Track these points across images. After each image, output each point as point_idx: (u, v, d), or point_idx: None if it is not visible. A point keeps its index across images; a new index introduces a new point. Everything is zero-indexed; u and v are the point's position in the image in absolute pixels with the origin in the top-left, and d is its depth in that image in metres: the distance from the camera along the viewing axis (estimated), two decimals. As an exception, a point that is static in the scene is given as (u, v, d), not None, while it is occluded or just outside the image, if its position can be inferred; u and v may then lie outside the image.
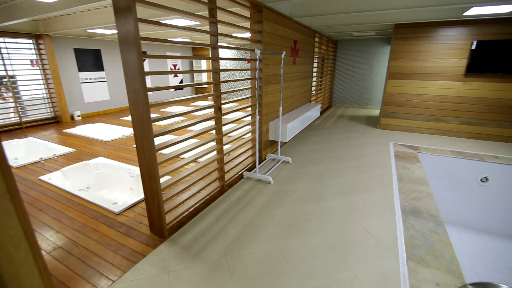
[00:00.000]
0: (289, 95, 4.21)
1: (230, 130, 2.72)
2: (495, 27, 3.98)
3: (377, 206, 2.39)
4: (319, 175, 3.05)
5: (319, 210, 2.34)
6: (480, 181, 3.48)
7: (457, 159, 3.53)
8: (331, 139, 4.45)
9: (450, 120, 4.56)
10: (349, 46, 7.52)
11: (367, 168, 3.21)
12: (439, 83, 4.48)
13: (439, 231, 2.00)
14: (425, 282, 1.54)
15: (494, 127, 4.31)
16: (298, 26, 4.20)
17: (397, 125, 4.98)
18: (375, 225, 2.12)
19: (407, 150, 3.83)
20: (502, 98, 4.17)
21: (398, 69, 4.71)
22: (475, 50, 4.11)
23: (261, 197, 2.56)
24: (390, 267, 1.68)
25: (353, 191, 2.68)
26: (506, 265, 3.10)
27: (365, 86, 7.60)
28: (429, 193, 2.56)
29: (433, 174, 3.65)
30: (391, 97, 4.89)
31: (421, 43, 4.47)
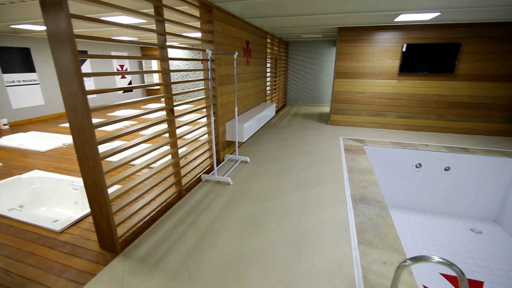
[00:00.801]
0: (244, 95, 4.25)
1: (185, 132, 2.64)
2: (420, 32, 4.56)
3: (330, 197, 2.55)
4: (277, 172, 3.13)
5: (277, 207, 2.40)
6: (415, 167, 3.96)
7: (396, 149, 3.95)
8: (286, 137, 4.62)
9: (388, 114, 5.09)
10: (300, 47, 7.88)
11: (320, 163, 3.41)
12: (378, 81, 4.96)
13: (384, 214, 2.22)
14: (374, 263, 1.70)
15: (423, 119, 4.94)
16: (250, 27, 4.26)
17: (346, 121, 5.38)
18: (330, 215, 2.26)
19: (355, 143, 4.16)
20: (428, 94, 4.79)
21: (344, 69, 5.09)
22: (405, 52, 4.65)
23: (220, 199, 2.53)
24: (344, 253, 1.81)
25: (309, 185, 2.82)
26: (439, 238, 3.58)
27: (316, 85, 8.06)
28: (374, 181, 2.82)
29: (377, 164, 4.03)
30: (339, 95, 5.26)
31: (362, 45, 4.90)
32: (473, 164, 3.75)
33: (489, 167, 3.72)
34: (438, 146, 4.02)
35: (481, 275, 2.96)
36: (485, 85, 4.52)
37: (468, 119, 4.75)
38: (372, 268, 1.66)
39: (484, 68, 4.45)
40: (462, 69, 4.54)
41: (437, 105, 4.80)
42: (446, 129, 4.89)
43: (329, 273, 1.64)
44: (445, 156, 3.82)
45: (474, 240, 3.54)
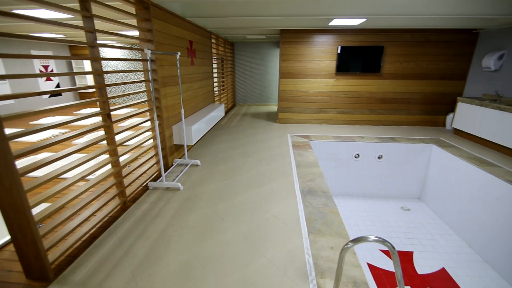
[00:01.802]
0: (191, 97, 4.12)
1: (127, 138, 2.44)
2: (352, 35, 5.05)
3: (281, 192, 2.66)
4: (229, 173, 3.13)
5: (231, 207, 2.40)
6: (354, 157, 4.38)
7: (337, 142, 4.31)
8: (237, 137, 4.64)
9: (329, 111, 5.52)
10: (245, 48, 7.99)
11: (271, 160, 3.52)
12: (319, 80, 5.33)
13: (329, 203, 2.40)
14: (323, 249, 1.82)
15: (358, 114, 5.50)
16: (193, 26, 4.15)
17: (292, 118, 5.66)
18: (281, 209, 2.35)
19: (302, 139, 4.41)
20: (361, 91, 5.35)
21: (287, 69, 5.34)
22: (340, 54, 5.10)
23: (171, 206, 2.42)
24: (296, 244, 1.90)
25: (260, 182, 2.88)
26: (377, 218, 4.02)
27: (263, 85, 8.28)
28: (320, 173, 3.03)
29: (322, 157, 4.34)
30: (284, 94, 5.50)
31: (303, 47, 5.20)
32: (400, 151, 4.32)
33: (411, 153, 4.32)
34: (372, 138, 4.52)
35: (411, 246, 3.43)
36: (405, 83, 5.24)
37: (393, 113, 5.45)
38: (321, 254, 1.78)
39: (403, 68, 5.16)
40: (387, 69, 5.18)
41: (369, 101, 5.39)
42: (377, 122, 5.53)
43: (283, 265, 1.71)
44: (377, 146, 4.31)
45: (404, 217, 4.08)
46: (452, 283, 2.84)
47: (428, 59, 5.08)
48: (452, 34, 4.90)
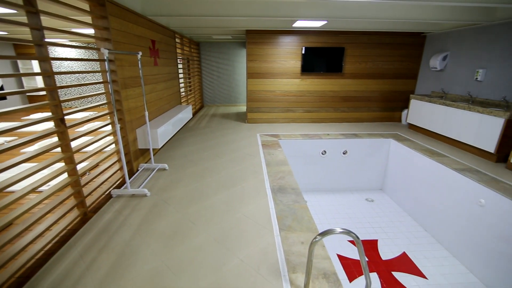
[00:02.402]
0: (156, 98, 3.96)
1: (85, 144, 2.27)
2: (315, 36, 5.24)
3: (252, 192, 2.67)
4: (199, 175, 3.07)
5: (202, 210, 2.36)
6: (321, 154, 4.56)
7: (305, 140, 4.45)
8: (206, 138, 4.57)
9: (296, 110, 5.68)
10: (212, 48, 7.89)
11: (241, 160, 3.52)
12: (285, 80, 5.46)
13: (299, 200, 2.47)
14: (294, 245, 1.87)
15: (324, 112, 5.74)
16: (155, 25, 3.99)
17: (261, 118, 5.72)
18: (252, 209, 2.36)
19: (271, 138, 4.47)
20: (325, 90, 5.58)
21: (254, 69, 5.38)
22: (304, 54, 5.27)
23: (137, 214, 2.30)
24: (268, 242, 1.93)
25: (231, 183, 2.87)
26: (345, 211, 4.23)
27: (231, 85, 8.25)
28: (289, 171, 3.10)
29: (291, 155, 4.45)
30: (252, 94, 5.53)
31: (268, 47, 5.27)
32: (362, 146, 4.59)
33: (373, 147, 4.62)
34: (336, 134, 4.74)
35: (375, 234, 3.66)
36: (364, 82, 5.58)
37: (355, 110, 5.78)
38: (293, 250, 1.82)
39: (362, 68, 5.48)
40: (348, 69, 5.47)
41: (333, 99, 5.65)
42: (341, 120, 5.81)
43: (256, 263, 1.72)
44: (342, 142, 4.53)
45: (369, 208, 4.34)
46: (412, 265, 3.09)
47: (384, 59, 5.47)
48: (403, 37, 5.33)
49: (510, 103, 3.63)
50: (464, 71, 4.45)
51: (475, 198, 2.93)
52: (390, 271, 3.01)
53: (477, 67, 4.20)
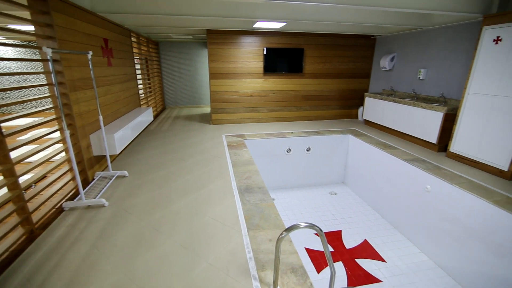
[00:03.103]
0: (111, 101, 3.71)
1: (28, 154, 2.04)
2: (275, 37, 5.36)
3: (219, 193, 2.64)
4: (163, 180, 2.94)
5: (167, 216, 2.27)
6: (286, 152, 4.68)
7: (270, 139, 4.53)
8: (170, 141, 4.40)
9: (261, 109, 5.75)
10: (172, 48, 7.62)
11: (207, 162, 3.46)
12: (248, 80, 5.49)
13: (266, 198, 2.51)
14: (262, 243, 1.89)
15: (287, 111, 5.90)
16: (108, 23, 3.73)
17: (226, 119, 5.68)
18: (220, 211, 2.33)
19: (236, 139, 4.47)
20: (288, 90, 5.74)
21: (217, 70, 5.32)
22: (266, 55, 5.36)
23: (94, 226, 2.13)
24: (236, 243, 1.92)
25: (197, 186, 2.81)
26: (311, 205, 4.39)
27: (194, 86, 8.06)
28: (256, 170, 3.13)
29: (257, 154, 4.49)
30: (216, 95, 5.47)
31: (231, 47, 5.26)
32: (324, 142, 4.81)
33: (333, 143, 4.87)
34: (300, 132, 4.91)
35: (339, 225, 3.87)
36: (323, 81, 5.86)
37: (316, 108, 6.04)
38: (261, 248, 1.84)
39: (321, 68, 5.75)
40: (308, 69, 5.69)
41: (295, 99, 5.84)
42: (303, 118, 6.03)
43: (225, 265, 1.71)
44: (305, 139, 4.70)
45: (332, 200, 4.57)
46: (372, 251, 3.32)
47: (340, 60, 5.80)
48: (356, 39, 5.71)
49: (447, 99, 4.10)
50: (409, 71, 4.91)
51: (423, 185, 3.25)
52: (353, 259, 3.20)
53: (419, 67, 4.67)
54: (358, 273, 2.97)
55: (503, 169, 3.00)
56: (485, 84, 3.13)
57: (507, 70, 2.90)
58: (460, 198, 2.78)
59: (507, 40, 2.89)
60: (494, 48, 3.03)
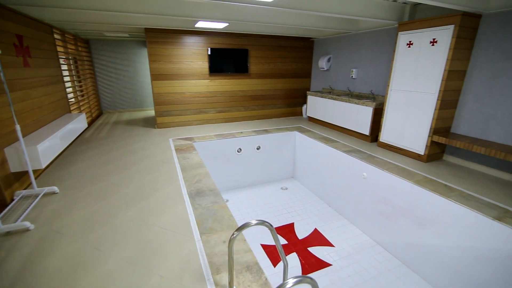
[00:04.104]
0: (32, 107, 3.21)
1: None
2: (219, 38, 5.32)
3: (168, 201, 2.51)
4: (102, 193, 2.67)
5: (109, 232, 2.06)
6: (237, 152, 4.70)
7: (219, 140, 4.49)
8: (109, 149, 4.01)
9: (209, 111, 5.66)
10: (105, 46, 6.95)
11: (153, 169, 3.26)
12: (194, 81, 5.35)
13: (218, 200, 2.48)
14: (216, 246, 1.86)
15: (235, 112, 5.93)
16: (22, 17, 3.20)
17: (173, 122, 5.43)
18: (170, 219, 2.22)
19: (185, 142, 4.31)
20: (235, 90, 5.77)
21: (159, 70, 5.04)
22: (211, 55, 5.29)
23: (17, 255, 1.82)
24: (190, 249, 1.86)
25: (144, 195, 2.62)
26: (264, 202, 4.50)
27: (135, 88, 7.50)
28: (206, 173, 3.06)
29: (207, 156, 4.41)
30: (160, 97, 5.18)
31: (173, 47, 5.03)
32: (273, 140, 4.98)
33: (282, 140, 5.08)
34: (249, 131, 4.98)
35: (291, 218, 4.05)
36: (269, 81, 6.05)
37: (263, 108, 6.21)
38: (215, 251, 1.81)
39: (265, 69, 5.93)
40: (253, 69, 5.80)
41: (242, 99, 5.90)
42: (252, 117, 6.14)
43: (178, 275, 1.63)
44: (255, 138, 4.79)
45: (284, 195, 4.76)
46: (322, 238, 3.57)
47: (283, 61, 6.06)
48: (296, 41, 6.04)
49: (376, 95, 4.64)
50: (343, 71, 5.41)
51: (360, 173, 3.62)
52: (306, 248, 3.39)
53: (351, 67, 5.17)
54: (311, 261, 3.16)
55: (420, 153, 3.53)
56: (403, 82, 3.64)
57: (418, 69, 3.42)
58: (390, 182, 3.18)
59: (417, 44, 3.40)
60: (407, 51, 3.53)
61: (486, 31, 3.06)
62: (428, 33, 3.25)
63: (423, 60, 3.34)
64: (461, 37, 3.02)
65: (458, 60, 3.14)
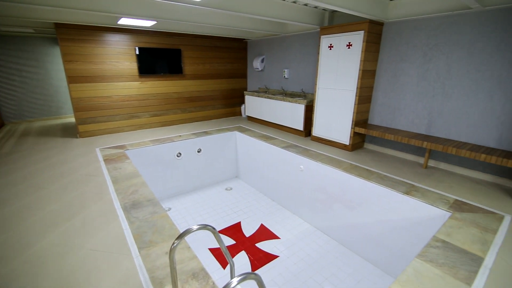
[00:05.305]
0: None
1: None
2: (148, 37, 4.97)
3: (99, 218, 2.24)
4: (10, 220, 2.21)
5: (22, 266, 1.73)
6: (176, 156, 4.49)
7: (156, 145, 4.22)
8: (17, 167, 3.35)
9: (142, 115, 5.25)
10: (3, 44, 5.76)
11: (77, 184, 2.86)
12: (122, 84, 4.88)
13: (158, 210, 2.33)
14: (158, 259, 1.75)
15: (172, 115, 5.65)
16: None
17: (100, 129, 4.86)
18: (102, 238, 1.99)
19: (115, 151, 3.91)
20: (170, 92, 5.49)
21: (77, 72, 4.44)
22: (140, 55, 4.91)
23: None
24: (127, 268, 1.69)
25: (67, 216, 2.28)
26: (210, 205, 4.41)
27: (48, 93, 6.44)
28: (142, 182, 2.84)
29: (143, 164, 4.10)
30: (81, 102, 4.57)
31: (93, 46, 4.48)
32: (213, 141, 4.92)
33: (223, 141, 5.06)
34: (188, 134, 4.81)
35: (238, 217, 4.08)
36: (205, 82, 5.95)
37: (202, 109, 6.08)
38: (157, 264, 1.70)
39: (201, 69, 5.81)
40: (188, 70, 5.62)
41: (178, 101, 5.66)
42: (190, 119, 5.95)
43: (115, 299, 1.47)
44: (195, 141, 4.66)
45: (229, 196, 4.76)
46: (268, 232, 3.70)
47: (219, 61, 6.04)
48: (230, 41, 6.09)
49: (306, 93, 5.03)
50: (277, 71, 5.69)
51: (297, 166, 3.88)
52: (254, 244, 3.46)
53: (283, 67, 5.48)
54: (259, 256, 3.25)
55: (346, 144, 3.98)
56: (328, 81, 4.03)
57: (339, 69, 3.83)
58: (323, 171, 3.49)
59: (336, 46, 3.81)
60: (329, 53, 3.93)
61: (387, 36, 3.63)
62: (345, 37, 3.67)
63: (343, 61, 3.76)
64: (369, 41, 3.51)
65: (369, 61, 3.64)
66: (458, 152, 2.87)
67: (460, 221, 2.20)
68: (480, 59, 2.88)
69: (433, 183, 2.92)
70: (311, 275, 2.96)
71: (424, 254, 1.81)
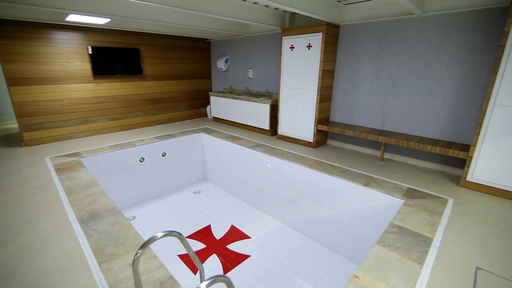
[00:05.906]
0: None
1: None
2: (103, 35, 4.63)
3: (51, 234, 2.03)
4: None
5: (-45, 296, 1.50)
6: (139, 161, 4.26)
7: (116, 151, 3.96)
8: None
9: (98, 119, 4.89)
10: None
11: (24, 199, 2.56)
12: (74, 86, 4.49)
13: (119, 220, 2.18)
14: (121, 271, 1.64)
15: (132, 118, 5.35)
16: None
17: (49, 137, 4.41)
18: (55, 256, 1.81)
19: (68, 159, 3.58)
20: (129, 94, 5.19)
21: (19, 73, 3.98)
22: (93, 55, 4.55)
23: None
24: (86, 285, 1.56)
25: (12, 235, 2.03)
26: (177, 211, 4.26)
27: (-17, 97, 5.68)
28: (101, 191, 2.64)
29: (101, 172, 3.82)
30: (25, 107, 4.10)
31: (37, 44, 4.05)
32: (179, 144, 4.77)
33: (188, 143, 4.92)
34: (151, 138, 4.60)
35: (207, 220, 4.01)
36: (167, 83, 5.73)
37: (165, 111, 5.85)
38: (121, 277, 1.60)
39: (162, 70, 5.59)
40: (148, 71, 5.36)
41: (139, 103, 5.38)
42: (152, 122, 5.69)
43: (72, 321, 1.35)
44: (159, 145, 4.46)
45: (198, 199, 4.65)
46: (239, 233, 3.69)
47: (181, 61, 5.86)
48: (193, 41, 5.95)
49: (271, 93, 5.11)
50: (241, 71, 5.70)
51: (265, 165, 3.93)
52: (225, 246, 3.43)
53: (248, 68, 5.51)
54: (231, 257, 3.23)
55: (310, 141, 4.14)
56: (291, 80, 4.15)
57: (301, 69, 3.96)
58: (290, 169, 3.58)
59: (297, 47, 3.94)
60: (291, 53, 4.04)
61: (344, 38, 3.84)
62: (305, 39, 3.81)
63: (304, 62, 3.89)
64: (328, 42, 3.68)
65: (328, 61, 3.82)
66: (408, 144, 3.16)
67: (412, 207, 2.42)
68: (423, 59, 3.19)
69: (389, 174, 3.17)
70: (283, 271, 3.02)
71: (382, 240, 1.95)
